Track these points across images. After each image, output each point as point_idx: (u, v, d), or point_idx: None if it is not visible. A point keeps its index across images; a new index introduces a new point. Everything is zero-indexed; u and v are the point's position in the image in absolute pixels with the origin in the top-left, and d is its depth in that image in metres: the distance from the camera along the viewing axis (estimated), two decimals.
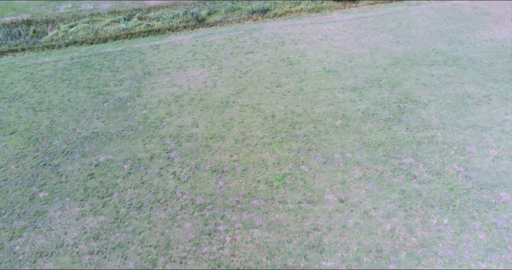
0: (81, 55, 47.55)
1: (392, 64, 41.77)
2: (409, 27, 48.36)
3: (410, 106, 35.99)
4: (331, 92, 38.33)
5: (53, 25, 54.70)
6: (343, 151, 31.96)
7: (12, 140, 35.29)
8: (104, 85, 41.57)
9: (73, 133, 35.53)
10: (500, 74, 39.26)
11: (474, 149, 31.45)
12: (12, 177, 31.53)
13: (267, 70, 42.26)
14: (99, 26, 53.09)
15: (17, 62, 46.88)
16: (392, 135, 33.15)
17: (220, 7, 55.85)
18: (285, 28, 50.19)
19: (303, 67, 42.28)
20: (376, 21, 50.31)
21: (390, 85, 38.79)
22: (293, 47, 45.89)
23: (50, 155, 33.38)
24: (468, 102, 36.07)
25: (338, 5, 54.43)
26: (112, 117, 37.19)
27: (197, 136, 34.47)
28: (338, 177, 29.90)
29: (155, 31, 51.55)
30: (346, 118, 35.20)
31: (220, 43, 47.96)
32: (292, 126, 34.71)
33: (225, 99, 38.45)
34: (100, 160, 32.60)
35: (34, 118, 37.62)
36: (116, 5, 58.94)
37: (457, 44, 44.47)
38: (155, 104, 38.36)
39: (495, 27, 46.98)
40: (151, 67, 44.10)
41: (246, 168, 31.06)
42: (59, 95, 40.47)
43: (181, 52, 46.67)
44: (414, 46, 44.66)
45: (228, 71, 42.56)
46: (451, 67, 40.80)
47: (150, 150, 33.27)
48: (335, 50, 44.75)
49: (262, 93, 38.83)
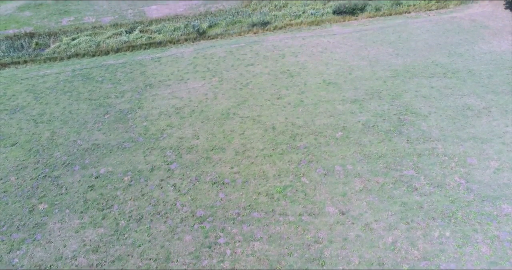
0: (83, 67, 47.88)
1: (392, 77, 42.00)
2: (408, 40, 48.76)
3: (410, 118, 36.06)
4: (332, 104, 38.46)
5: (55, 37, 55.22)
6: (344, 163, 31.91)
7: (12, 151, 35.30)
8: (105, 97, 41.75)
9: (74, 145, 35.55)
10: (499, 86, 39.43)
11: (475, 161, 31.40)
12: (12, 189, 31.44)
13: (268, 82, 42.48)
14: (101, 38, 53.56)
15: (19, 74, 47.19)
16: (392, 147, 33.15)
17: (221, 20, 56.43)
18: (286, 41, 50.61)
19: (304, 79, 42.51)
20: (376, 34, 50.76)
21: (390, 97, 38.94)
22: (294, 60, 46.21)
23: (50, 167, 33.34)
24: (468, 114, 36.15)
25: (338, 18, 54.98)
26: (113, 129, 37.25)
27: (198, 147, 34.48)
28: (339, 189, 29.79)
29: (156, 44, 51.99)
30: (347, 130, 35.24)
31: (221, 55, 48.33)
32: (292, 138, 34.73)
33: (225, 111, 38.57)
34: (100, 172, 32.54)
35: (35, 130, 37.69)
36: (118, 18, 59.58)
37: (456, 56, 44.78)
38: (156, 116, 38.46)
39: (494, 40, 47.36)
40: (152, 79, 44.35)
41: (247, 180, 30.98)
42: (60, 107, 40.61)
43: (182, 64, 46.99)
44: (413, 58, 44.96)
45: (229, 83, 42.79)
46: (450, 79, 41.01)
47: (151, 161, 33.24)
48: (335, 63, 45.05)
49: (263, 105, 38.96)
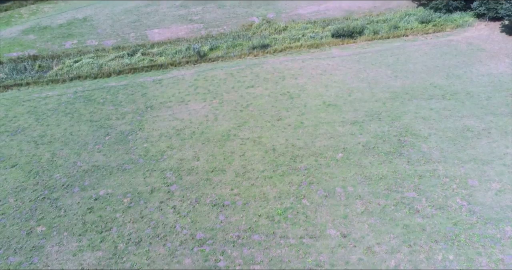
0: (85, 89, 48.33)
1: (391, 98, 42.33)
2: (407, 62, 49.39)
3: (410, 140, 36.13)
4: (332, 125, 38.62)
5: (58, 60, 55.97)
6: (345, 185, 31.76)
7: (12, 173, 35.19)
8: (106, 119, 41.95)
9: (74, 167, 35.48)
10: (498, 108, 39.68)
11: (476, 182, 31.26)
12: (10, 211, 31.16)
13: (268, 104, 42.79)
14: (103, 61, 54.31)
15: (21, 96, 47.58)
16: (393, 168, 33.06)
17: (221, 43, 57.37)
18: (285, 63, 51.28)
19: (303, 101, 42.84)
20: (374, 56, 51.47)
21: (389, 118, 39.13)
22: (293, 82, 46.69)
23: (49, 189, 33.16)
24: (468, 135, 36.23)
25: (337, 41, 55.88)
26: (113, 150, 37.26)
27: (198, 169, 34.39)
28: (340, 211, 29.53)
29: (158, 66, 52.65)
30: (347, 151, 35.24)
31: (221, 77, 48.87)
32: (293, 159, 34.70)
33: (226, 132, 38.68)
34: (100, 194, 32.34)
35: (35, 151, 37.70)
36: (121, 41, 60.57)
37: (454, 78, 45.25)
38: (156, 138, 38.54)
39: (491, 62, 47.96)
40: (153, 101, 44.69)
41: (247, 202, 30.75)
42: (62, 129, 40.75)
43: (183, 86, 47.45)
44: (412, 80, 45.43)
45: (229, 105, 43.09)
46: (449, 101, 41.32)
47: (151, 183, 33.09)
48: (335, 85, 45.50)
49: (263, 127, 39.11)
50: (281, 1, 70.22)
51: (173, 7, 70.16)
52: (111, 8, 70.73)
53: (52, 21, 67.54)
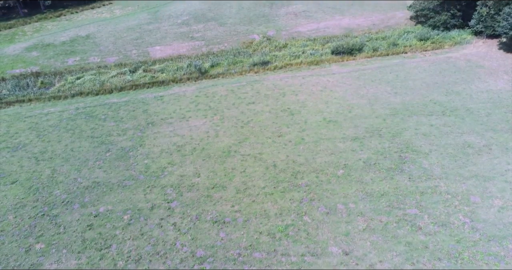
0: (86, 105, 48.60)
1: (391, 115, 42.50)
2: (406, 79, 49.79)
3: (411, 156, 36.10)
4: (332, 142, 38.65)
5: (60, 77, 56.47)
6: (346, 201, 31.58)
7: (12, 189, 35.06)
8: (107, 135, 42.05)
9: (74, 183, 35.37)
10: (498, 124, 39.79)
11: (478, 199, 31.09)
12: (9, 228, 30.91)
13: (269, 120, 42.94)
14: (105, 78, 54.78)
15: (23, 112, 47.81)
16: (394, 185, 32.94)
17: (222, 60, 57.98)
18: (286, 80, 51.69)
19: (304, 117, 43.00)
20: (374, 73, 51.93)
21: (390, 135, 39.20)
22: (294, 98, 46.97)
23: (49, 205, 32.98)
24: (469, 152, 36.22)
25: (337, 58, 56.49)
26: (114, 167, 37.21)
27: (199, 185, 34.27)
28: (342, 228, 29.28)
29: (159, 83, 53.08)
30: (348, 168, 35.18)
31: (222, 94, 49.18)
32: (294, 176, 34.60)
33: (227, 149, 38.70)
34: (100, 210, 32.14)
35: (36, 167, 37.65)
36: (123, 58, 61.23)
37: (454, 95, 45.53)
38: (157, 154, 38.54)
39: (490, 79, 48.35)
40: (154, 117, 44.87)
41: (248, 219, 30.52)
42: (62, 145, 40.80)
43: (184, 102, 47.72)
44: (411, 97, 45.71)
45: (230, 121, 43.24)
46: (449, 117, 41.47)
47: (151, 200, 32.92)
48: (335, 101, 45.76)
49: (264, 143, 39.15)
50: (281, 19, 71.24)
51: (175, 24, 71.15)
52: (114, 26, 71.73)
53: (55, 38, 68.41)
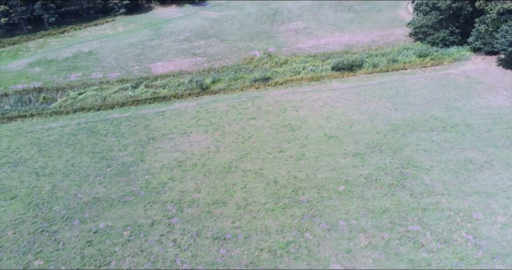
0: (88, 121, 48.78)
1: (392, 130, 42.58)
2: (406, 95, 50.06)
3: (412, 172, 36.01)
4: (333, 157, 38.63)
5: (63, 92, 56.83)
6: (348, 218, 31.36)
7: (12, 205, 34.89)
8: (108, 150, 42.07)
9: (74, 199, 35.21)
10: (499, 140, 39.81)
11: (481, 215, 30.87)
12: (8, 244, 30.64)
13: (269, 136, 43.02)
14: (107, 93, 55.13)
15: (25, 128, 47.95)
16: (396, 201, 32.76)
17: (223, 76, 58.43)
18: (286, 96, 51.99)
19: (305, 133, 43.08)
20: (374, 89, 52.25)
21: (391, 151, 39.19)
22: (294, 114, 47.15)
23: (49, 221, 32.76)
24: (470, 168, 36.14)
25: (337, 74, 56.92)
26: (114, 182, 37.11)
27: (199, 201, 34.11)
28: (344, 245, 29.00)
29: (160, 98, 53.38)
30: (349, 184, 35.06)
31: (223, 109, 49.41)
32: (295, 192, 34.46)
33: (227, 164, 38.66)
34: (99, 226, 31.91)
35: (36, 183, 37.55)
36: (125, 74, 61.72)
37: (454, 111, 45.70)
38: (158, 169, 38.49)
39: (489, 95, 48.61)
40: (155, 133, 44.97)
41: (249, 235, 30.26)
42: (63, 160, 40.79)
43: (186, 118, 47.90)
44: (412, 113, 45.87)
45: (231, 136, 43.31)
46: (450, 133, 41.52)
47: (151, 216, 32.71)
48: (336, 117, 45.92)
49: (265, 159, 39.12)
50: (282, 36, 72.10)
51: (177, 41, 71.99)
52: (116, 42, 72.57)
53: (59, 54, 69.13)
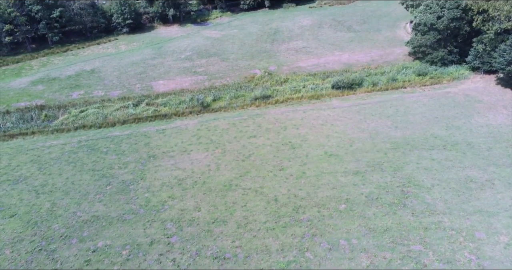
0: (89, 138, 48.91)
1: (392, 149, 42.59)
2: (406, 113, 50.29)
3: (413, 191, 35.84)
4: (334, 176, 38.53)
5: (64, 110, 57.20)
6: (349, 237, 31.05)
7: (10, 223, 34.63)
8: (108, 168, 42.02)
9: (73, 217, 34.98)
10: (500, 158, 39.76)
11: (483, 235, 30.56)
12: (5, 263, 30.26)
13: (270, 154, 43.02)
14: (109, 111, 55.47)
15: (25, 145, 48.06)
16: (398, 220, 32.49)
17: (224, 94, 58.89)
18: (287, 114, 52.25)
19: (305, 151, 43.10)
20: (374, 107, 52.53)
21: (392, 169, 39.11)
22: (295, 132, 47.28)
23: (47, 240, 32.46)
24: (471, 186, 35.98)
25: (337, 93, 57.33)
26: (114, 200, 36.93)
27: (199, 220, 33.85)
28: (345, 265, 28.61)
29: (161, 116, 53.67)
30: (350, 202, 34.85)
31: (224, 127, 49.58)
32: (295, 210, 34.23)
33: (228, 182, 38.54)
34: (98, 245, 31.58)
35: (35, 201, 37.37)
36: (126, 92, 62.23)
37: (454, 129, 45.81)
38: (158, 187, 38.35)
39: (489, 114, 48.80)
40: (156, 151, 45.01)
41: (249, 255, 29.90)
42: (63, 178, 40.70)
43: (186, 136, 48.03)
44: (412, 131, 45.98)
45: (232, 154, 43.32)
46: (450, 151, 41.51)
47: (151, 234, 32.41)
48: (336, 135, 46.02)
49: (265, 177, 39.02)
50: (282, 55, 72.98)
51: (178, 60, 72.84)
52: (118, 61, 73.44)
53: (61, 72, 69.89)
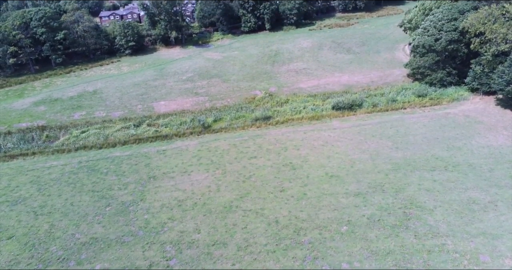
0: (89, 159, 48.85)
1: (394, 170, 42.40)
2: (407, 134, 50.30)
3: (416, 212, 35.45)
4: (335, 197, 38.22)
5: (66, 130, 57.44)
6: (351, 260, 30.51)
7: (8, 245, 34.18)
8: (108, 189, 41.79)
9: (72, 239, 34.54)
10: (502, 180, 39.50)
11: (488, 258, 30.02)
12: None
13: (271, 175, 42.83)
14: (110, 132, 55.64)
15: (26, 166, 47.98)
16: (400, 243, 32.01)
17: (225, 115, 59.21)
18: (287, 135, 52.32)
19: (306, 172, 42.92)
20: (374, 128, 52.62)
21: (393, 190, 38.82)
22: (296, 153, 47.21)
23: (44, 262, 31.94)
24: (474, 208, 35.61)
25: (337, 114, 57.61)
26: (113, 222, 36.54)
27: (199, 242, 33.38)
28: None
29: (162, 137, 53.76)
30: (352, 224, 34.43)
31: (224, 148, 49.56)
32: (296, 232, 33.80)
33: (228, 204, 38.21)
34: (96, 268, 31.03)
35: (34, 222, 36.99)
36: (128, 113, 62.61)
37: (455, 150, 45.71)
38: (157, 209, 38.01)
39: (490, 135, 48.79)
40: (156, 171, 44.86)
41: None
42: (63, 199, 40.42)
43: (187, 156, 47.96)
44: (413, 152, 45.88)
45: (232, 175, 43.14)
46: (452, 172, 41.29)
47: (149, 257, 31.90)
48: (337, 156, 45.92)
49: (266, 198, 38.72)
50: (283, 76, 73.73)
51: (180, 81, 73.60)
52: (120, 82, 74.21)
53: (64, 93, 70.52)
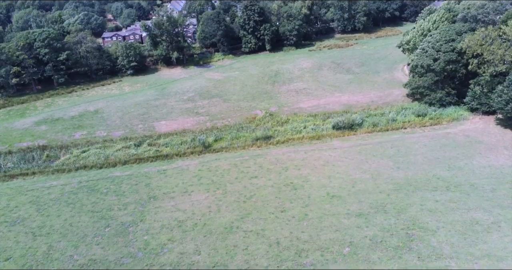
0: (89, 179, 48.67)
1: (395, 190, 42.16)
2: (407, 154, 50.25)
3: (418, 234, 35.06)
4: (337, 218, 37.87)
5: (66, 150, 57.42)
6: None
7: (5, 267, 33.64)
8: (108, 210, 41.47)
9: (70, 260, 34.04)
10: (505, 200, 39.23)
11: None
12: None
13: (271, 195, 42.57)
14: (110, 151, 55.63)
15: (25, 186, 47.75)
16: (403, 265, 31.52)
17: (226, 135, 59.33)
18: (288, 154, 52.26)
19: (307, 192, 42.67)
20: (375, 148, 52.61)
21: (395, 211, 38.50)
22: (297, 173, 47.05)
23: None
24: (477, 229, 35.23)
25: (338, 133, 57.71)
26: (112, 243, 36.10)
27: (199, 264, 32.88)
28: None
29: (163, 156, 53.68)
30: (354, 245, 34.00)
31: (225, 168, 49.43)
32: (298, 254, 33.33)
33: (229, 224, 37.84)
34: None
35: (32, 243, 36.55)
36: (129, 132, 62.73)
37: (456, 170, 45.57)
38: (157, 230, 37.61)
39: (490, 154, 48.74)
40: (156, 191, 44.62)
41: None
42: (62, 220, 40.05)
43: (187, 176, 47.79)
44: (414, 172, 45.73)
45: (233, 195, 42.88)
46: (454, 193, 41.05)
47: None
48: (338, 176, 45.74)
49: (267, 219, 38.36)
50: (283, 96, 74.25)
51: (181, 101, 74.08)
52: (122, 101, 74.67)
53: (65, 113, 70.86)
